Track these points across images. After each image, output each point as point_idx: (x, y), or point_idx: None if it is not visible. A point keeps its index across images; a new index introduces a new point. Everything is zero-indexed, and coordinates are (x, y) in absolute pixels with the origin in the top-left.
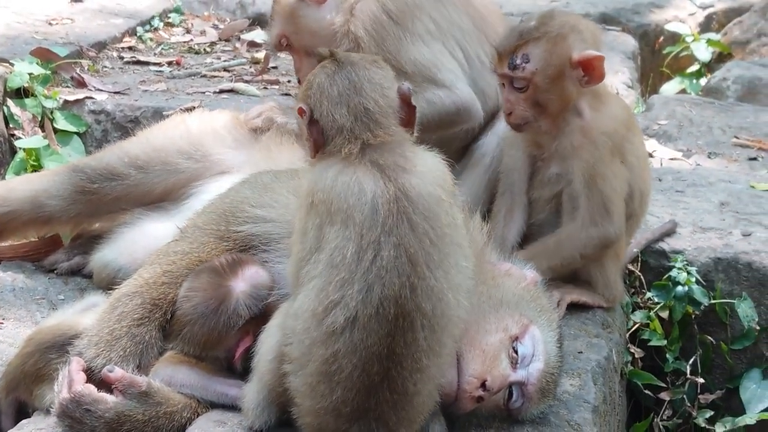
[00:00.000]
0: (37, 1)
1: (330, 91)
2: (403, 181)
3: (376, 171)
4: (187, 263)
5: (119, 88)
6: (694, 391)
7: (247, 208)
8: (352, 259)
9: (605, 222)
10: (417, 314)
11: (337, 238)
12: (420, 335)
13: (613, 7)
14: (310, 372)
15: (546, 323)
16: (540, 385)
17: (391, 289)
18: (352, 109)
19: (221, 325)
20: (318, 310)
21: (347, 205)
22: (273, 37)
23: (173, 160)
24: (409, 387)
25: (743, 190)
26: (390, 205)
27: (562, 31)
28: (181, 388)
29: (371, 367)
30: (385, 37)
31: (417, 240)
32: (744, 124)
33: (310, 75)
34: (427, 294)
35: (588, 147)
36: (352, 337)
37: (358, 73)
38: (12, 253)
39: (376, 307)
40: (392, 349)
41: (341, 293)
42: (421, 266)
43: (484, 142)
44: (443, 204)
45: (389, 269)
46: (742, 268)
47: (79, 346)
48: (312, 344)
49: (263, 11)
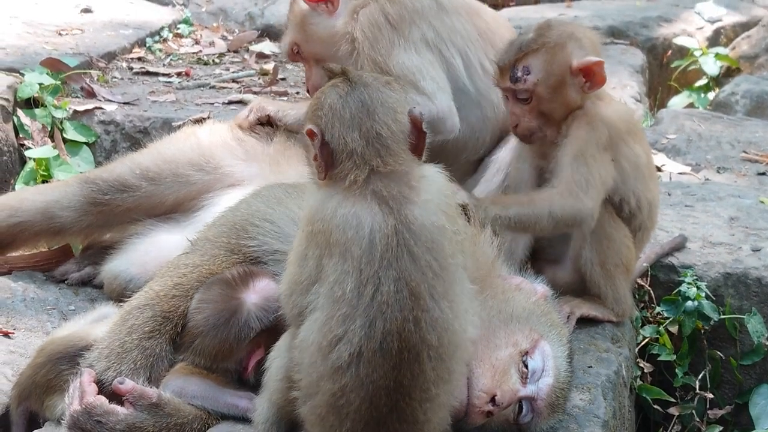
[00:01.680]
0: (47, 11)
1: (342, 113)
2: (406, 213)
3: (375, 203)
4: (198, 276)
5: (128, 98)
6: (704, 406)
7: (258, 222)
8: (352, 294)
9: (582, 195)
10: (422, 346)
11: (336, 271)
12: (427, 366)
13: (621, 20)
14: (319, 403)
15: (556, 338)
16: (549, 400)
17: (393, 323)
18: (364, 134)
19: (232, 336)
20: (323, 344)
21: (345, 238)
22: (285, 45)
23: (184, 171)
24: (419, 416)
25: (752, 205)
26: (389, 239)
27: (560, 40)
28: (191, 399)
29: (379, 400)
30: (379, 39)
31: (419, 272)
32: (753, 138)
33: (320, 94)
34: (432, 326)
35: (585, 128)
36: (358, 372)
37: (371, 95)
38: (23, 263)
39: (380, 342)
40: (399, 381)
41: (344, 328)
42: (424, 299)
43: (498, 156)
44: (446, 233)
45: (390, 303)
46: (752, 283)
47: (90, 358)
48: (319, 378)
49: (272, 23)
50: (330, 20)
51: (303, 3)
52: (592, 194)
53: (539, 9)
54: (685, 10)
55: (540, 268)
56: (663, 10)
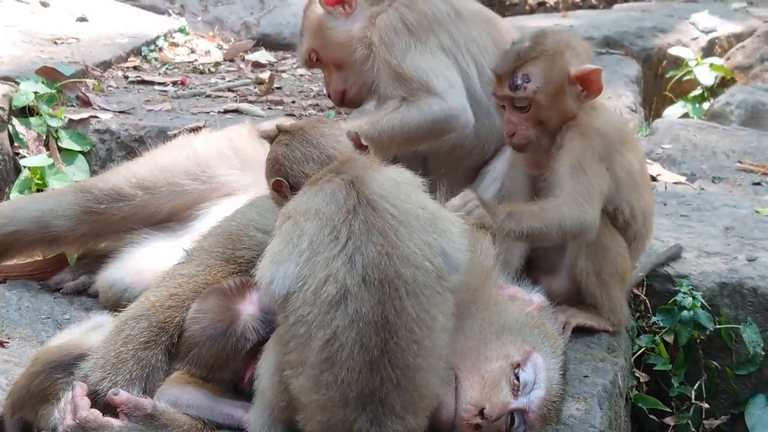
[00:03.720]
0: (43, 20)
1: (294, 155)
2: (359, 173)
3: (335, 175)
4: (194, 286)
5: (124, 107)
6: (699, 416)
7: (252, 233)
8: (329, 239)
9: (585, 205)
10: (399, 282)
11: (312, 228)
12: (407, 303)
13: (616, 30)
14: (312, 364)
15: (549, 350)
16: (541, 413)
17: (369, 256)
18: (317, 161)
19: (229, 347)
20: (308, 294)
21: (315, 204)
22: (303, 53)
23: (180, 181)
24: (409, 359)
25: (748, 215)
26: (348, 191)
27: (558, 48)
28: (187, 409)
29: (369, 339)
30: (396, 43)
31: (380, 216)
32: (748, 149)
33: (271, 153)
34: (404, 261)
35: (579, 139)
36: (347, 310)
37: (309, 132)
38: (18, 272)
39: (362, 275)
40: (385, 317)
41: (327, 270)
42: (390, 237)
43: (495, 166)
44: (401, 186)
45: (363, 240)
46: (748, 293)
47: (85, 369)
48: (309, 331)
49: (268, 32)
50: (347, 23)
51: (319, 8)
52: (594, 204)
53: (535, 19)
54: (680, 21)
55: (536, 277)
56: (658, 21)
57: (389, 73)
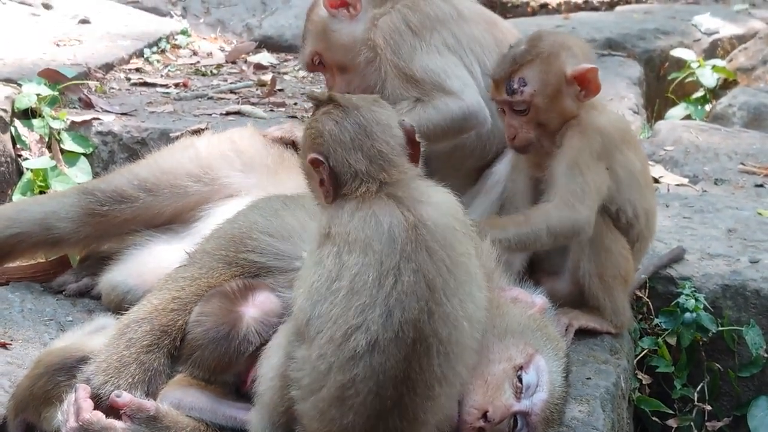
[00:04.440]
0: (45, 22)
1: (342, 138)
2: (420, 211)
3: (392, 202)
4: (196, 289)
5: (126, 109)
6: (702, 418)
7: (255, 235)
8: (373, 285)
9: (578, 206)
10: (434, 340)
11: (356, 265)
12: (435, 362)
13: (618, 32)
14: (323, 397)
15: (552, 352)
16: (544, 415)
17: (411, 313)
18: (366, 153)
19: (232, 350)
20: (336, 336)
21: (365, 234)
22: (305, 56)
23: (182, 182)
24: (419, 415)
25: (750, 217)
26: (408, 233)
27: (553, 50)
28: (190, 411)
29: (385, 391)
30: (401, 45)
31: (434, 267)
32: (750, 150)
33: (315, 123)
34: (444, 320)
35: (578, 137)
36: (371, 362)
37: (365, 116)
38: (20, 274)
39: (396, 331)
40: (408, 374)
41: (362, 317)
42: (438, 292)
43: (498, 168)
44: (457, 233)
45: (409, 294)
46: (750, 295)
47: (87, 372)
48: (329, 370)
49: (270, 34)
50: (351, 26)
51: (323, 11)
52: (588, 203)
53: (537, 21)
54: (682, 23)
55: (538, 279)
56: (660, 23)
57: (398, 74)
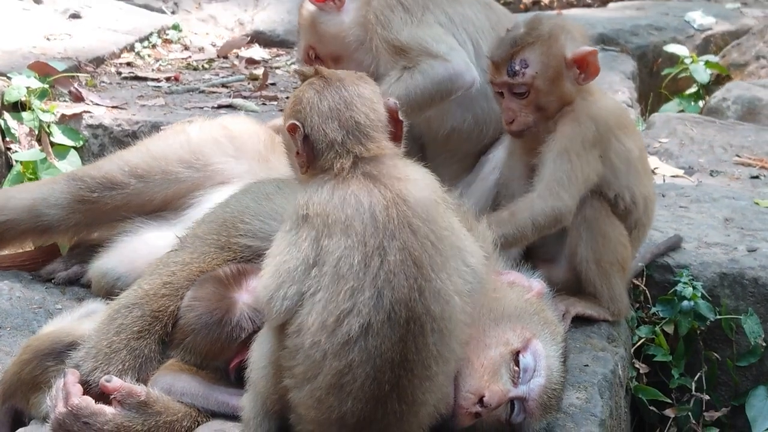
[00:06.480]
0: (36, 16)
1: (320, 106)
2: (399, 187)
3: (369, 182)
4: (188, 274)
5: (117, 102)
6: (700, 408)
7: (248, 219)
8: (359, 267)
9: (562, 193)
10: (427, 317)
11: (339, 248)
12: (430, 340)
13: (611, 28)
14: (319, 385)
15: (549, 337)
16: (541, 401)
17: (400, 292)
18: (343, 123)
19: (224, 336)
20: (328, 322)
21: (345, 215)
22: (301, 51)
23: (173, 169)
24: (418, 396)
25: (747, 207)
26: (389, 210)
27: (554, 32)
28: (181, 396)
29: (383, 375)
30: (392, 20)
31: (419, 243)
32: (745, 143)
33: (297, 92)
34: (435, 296)
35: (570, 125)
36: (366, 345)
37: (347, 88)
38: (9, 262)
39: (388, 312)
40: (404, 355)
41: (352, 301)
42: (426, 269)
43: (494, 155)
44: (439, 207)
45: (397, 273)
46: (748, 283)
47: (77, 358)
48: (323, 357)
49: (261, 29)
50: (339, 16)
51: (310, 5)
52: (572, 191)
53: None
54: (674, 19)
55: (535, 266)
56: (653, 19)
57: (388, 48)
